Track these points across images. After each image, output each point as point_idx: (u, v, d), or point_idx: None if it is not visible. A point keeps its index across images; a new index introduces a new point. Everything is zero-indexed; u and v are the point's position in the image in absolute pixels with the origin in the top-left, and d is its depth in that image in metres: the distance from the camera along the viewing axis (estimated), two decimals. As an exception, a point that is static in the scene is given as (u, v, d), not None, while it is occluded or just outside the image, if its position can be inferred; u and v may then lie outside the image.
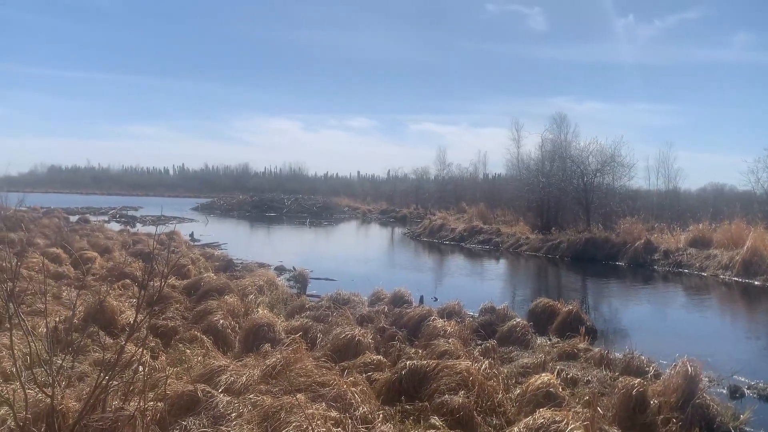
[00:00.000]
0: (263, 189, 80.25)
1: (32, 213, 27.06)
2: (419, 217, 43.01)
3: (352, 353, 7.04)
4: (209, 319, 8.16)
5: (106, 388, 3.66)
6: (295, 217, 49.89)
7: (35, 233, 18.38)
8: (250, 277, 12.74)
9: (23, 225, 18.71)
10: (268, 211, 55.58)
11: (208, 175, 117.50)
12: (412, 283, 13.05)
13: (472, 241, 27.57)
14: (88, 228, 23.32)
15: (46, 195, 59.21)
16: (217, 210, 56.04)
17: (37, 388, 4.06)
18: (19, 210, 21.96)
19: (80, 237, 18.20)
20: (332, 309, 9.56)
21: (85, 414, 3.53)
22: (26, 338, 5.16)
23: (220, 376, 5.39)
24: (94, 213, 40.88)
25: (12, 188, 24.36)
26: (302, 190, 77.39)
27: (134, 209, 49.94)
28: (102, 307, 7.88)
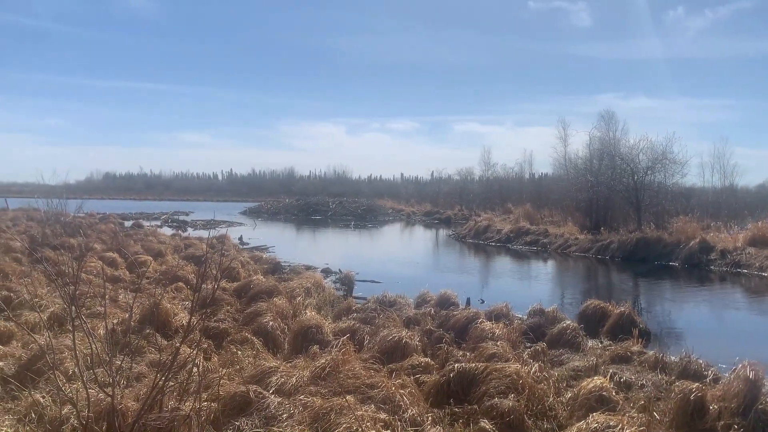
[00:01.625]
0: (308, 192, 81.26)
1: (89, 219, 28.16)
2: (464, 219, 42.71)
3: (400, 355, 7.05)
4: (259, 320, 8.31)
5: (163, 389, 3.77)
6: (340, 220, 50.29)
7: (93, 238, 19.10)
8: (297, 279, 12.93)
9: (81, 230, 19.49)
10: (314, 214, 56.18)
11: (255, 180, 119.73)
12: (458, 285, 12.97)
13: (519, 243, 27.20)
14: (141, 233, 24.09)
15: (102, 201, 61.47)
16: (264, 214, 57.00)
17: (98, 388, 4.23)
18: (77, 216, 22.88)
19: (135, 242, 18.82)
20: (379, 311, 9.60)
21: (144, 413, 3.65)
22: (87, 340, 5.37)
23: (271, 377, 5.48)
24: (147, 218, 42.20)
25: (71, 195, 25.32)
26: (346, 193, 77.96)
27: (185, 214, 51.33)
28: (157, 310, 8.12)
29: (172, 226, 36.63)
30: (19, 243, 17.25)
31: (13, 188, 51.54)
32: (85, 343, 6.31)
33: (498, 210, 41.81)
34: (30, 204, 32.23)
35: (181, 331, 7.96)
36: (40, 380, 5.79)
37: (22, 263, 13.69)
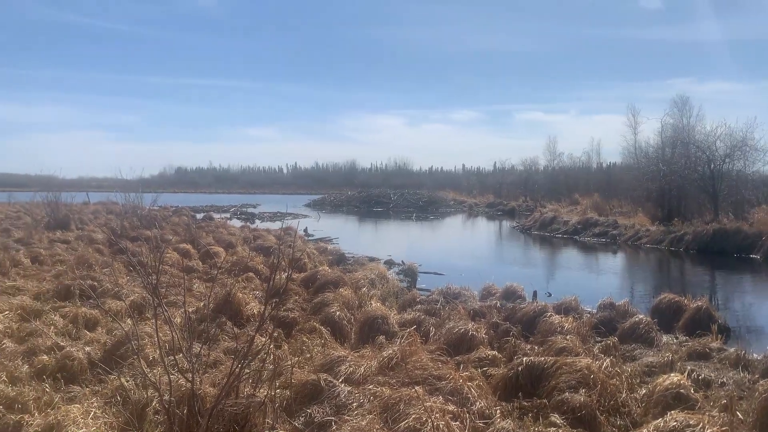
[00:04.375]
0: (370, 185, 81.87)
1: (164, 212, 29.45)
2: (528, 210, 41.90)
3: (466, 348, 7.03)
4: (326, 310, 8.46)
5: (239, 376, 3.91)
6: (402, 212, 50.41)
7: (167, 230, 19.97)
8: (362, 270, 13.07)
9: (157, 223, 20.41)
10: (375, 206, 56.55)
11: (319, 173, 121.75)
12: (524, 278, 12.75)
13: (587, 234, 26.44)
14: (212, 225, 24.96)
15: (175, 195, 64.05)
16: (327, 206, 57.87)
17: (178, 374, 4.43)
18: (152, 209, 23.95)
19: (206, 233, 19.53)
20: (443, 303, 9.58)
21: (222, 399, 3.80)
22: (166, 327, 5.64)
23: (340, 367, 5.58)
24: (217, 210, 43.71)
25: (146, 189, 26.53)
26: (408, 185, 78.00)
27: (253, 206, 52.83)
28: (229, 299, 8.42)
29: (240, 218, 37.76)
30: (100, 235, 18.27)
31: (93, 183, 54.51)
32: (164, 330, 6.64)
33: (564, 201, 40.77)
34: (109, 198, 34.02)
35: (252, 320, 8.23)
36: (124, 365, 6.13)
37: (103, 254, 14.47)
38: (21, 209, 30.16)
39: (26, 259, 13.19)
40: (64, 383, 5.83)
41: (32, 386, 5.47)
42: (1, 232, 19.62)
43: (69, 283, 9.73)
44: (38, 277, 11.36)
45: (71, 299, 9.19)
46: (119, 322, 7.33)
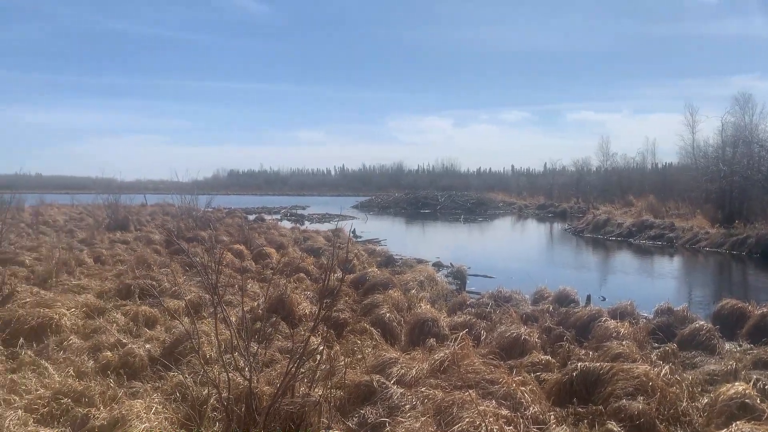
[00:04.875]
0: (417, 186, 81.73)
1: (217, 213, 30.21)
2: (580, 212, 40.98)
3: (519, 352, 6.94)
4: (376, 312, 8.51)
5: (295, 375, 3.99)
6: (449, 214, 50.13)
7: (221, 231, 20.49)
8: (410, 272, 13.08)
9: (211, 224, 20.96)
10: (423, 207, 56.43)
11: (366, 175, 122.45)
12: (576, 282, 12.50)
13: (642, 237, 25.67)
14: (264, 226, 25.44)
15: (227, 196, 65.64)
16: (374, 207, 58.13)
17: (236, 372, 4.55)
18: (207, 210, 24.61)
19: (258, 234, 19.92)
20: (494, 306, 9.49)
21: (278, 398, 3.87)
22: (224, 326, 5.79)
23: (392, 368, 5.60)
24: (268, 212, 44.54)
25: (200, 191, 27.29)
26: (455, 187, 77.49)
27: (302, 208, 53.57)
28: (282, 299, 8.57)
29: (290, 219, 38.37)
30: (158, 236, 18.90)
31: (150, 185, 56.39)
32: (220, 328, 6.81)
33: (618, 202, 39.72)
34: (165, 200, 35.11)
35: (304, 320, 8.36)
36: (183, 362, 6.32)
37: (161, 254, 14.97)
38: (83, 211, 31.54)
39: (89, 258, 13.78)
40: (127, 379, 6.05)
41: (97, 381, 5.71)
42: (65, 233, 20.58)
43: (129, 282, 10.11)
44: (101, 276, 11.85)
45: (131, 298, 9.55)
46: (179, 319, 7.58)
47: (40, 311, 7.79)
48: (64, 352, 6.86)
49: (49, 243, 16.74)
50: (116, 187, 28.34)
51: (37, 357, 6.63)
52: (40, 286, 10.20)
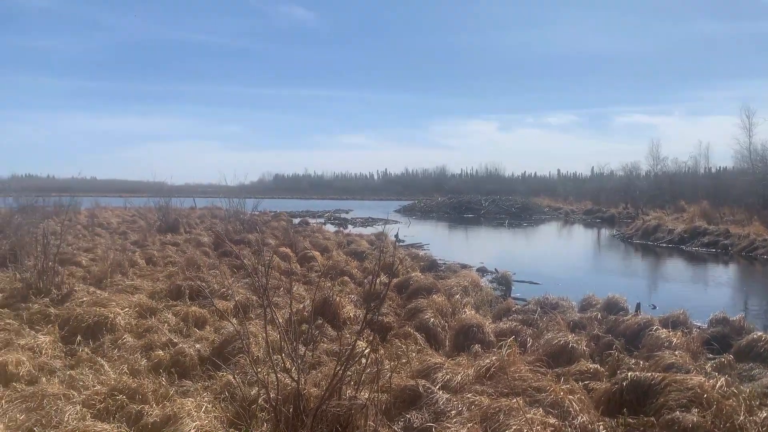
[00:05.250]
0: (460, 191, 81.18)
1: (263, 216, 30.72)
2: (629, 218, 39.93)
3: (566, 360, 6.82)
4: (420, 317, 8.50)
5: (342, 378, 4.02)
6: (493, 218, 49.60)
7: (268, 234, 20.84)
8: (454, 277, 13.00)
9: (258, 227, 21.34)
10: (466, 212, 56.01)
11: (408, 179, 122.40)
12: (625, 289, 12.18)
13: (694, 244, 24.83)
14: (308, 229, 25.75)
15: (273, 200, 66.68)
16: (417, 212, 58.03)
17: (284, 373, 4.62)
18: (254, 214, 25.05)
19: (303, 238, 20.18)
20: (540, 313, 9.35)
21: (325, 400, 3.92)
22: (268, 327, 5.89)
23: (437, 373, 5.59)
24: (313, 216, 45.03)
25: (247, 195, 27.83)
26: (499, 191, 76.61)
27: (345, 212, 53.98)
28: (327, 302, 8.66)
29: (334, 223, 38.69)
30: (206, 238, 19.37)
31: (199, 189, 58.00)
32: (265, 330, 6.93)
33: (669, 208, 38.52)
34: (213, 203, 35.97)
35: (349, 323, 8.43)
36: (231, 362, 6.46)
37: (209, 256, 15.33)
38: (136, 213, 32.60)
39: (142, 260, 14.23)
40: (177, 377, 6.23)
41: (150, 379, 5.88)
42: (119, 235, 21.30)
43: (180, 283, 10.39)
44: (152, 277, 12.22)
45: (182, 298, 9.81)
46: (228, 320, 7.75)
47: (96, 310, 8.09)
48: (119, 350, 7.11)
49: (103, 244, 17.37)
50: (167, 190, 29.17)
51: (94, 354, 6.90)
52: (96, 285, 10.59)
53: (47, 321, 8.14)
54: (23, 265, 11.21)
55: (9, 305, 9.03)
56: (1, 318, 8.24)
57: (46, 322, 8.11)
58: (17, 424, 4.84)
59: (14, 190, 18.84)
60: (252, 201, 26.42)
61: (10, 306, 8.98)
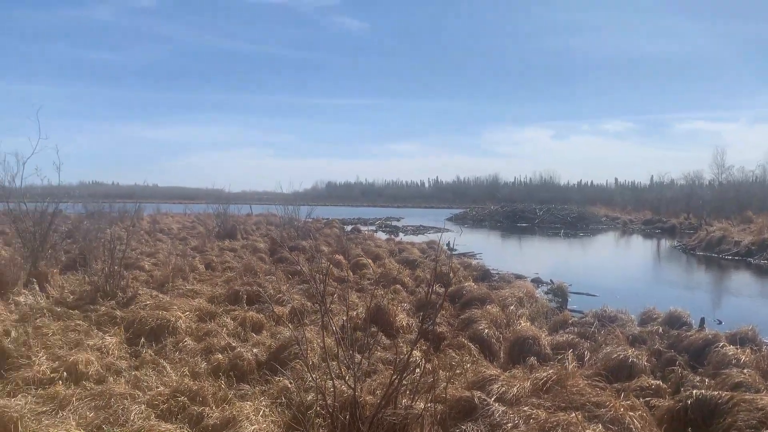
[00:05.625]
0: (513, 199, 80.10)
1: (316, 224, 31.19)
2: (691, 228, 38.41)
3: (626, 375, 6.62)
4: (474, 327, 8.43)
5: (398, 387, 4.04)
6: (548, 228, 48.65)
7: (321, 241, 21.13)
8: (508, 288, 12.83)
9: (311, 234, 21.68)
10: (520, 221, 55.17)
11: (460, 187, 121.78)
12: (688, 303, 11.73)
13: (764, 257, 23.64)
14: (360, 237, 25.94)
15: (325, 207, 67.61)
16: (469, 220, 57.56)
17: (340, 380, 4.68)
18: (307, 221, 25.47)
19: (355, 245, 20.35)
20: (598, 326, 9.11)
21: (382, 408, 3.94)
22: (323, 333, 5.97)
23: (492, 385, 5.53)
24: (364, 223, 45.38)
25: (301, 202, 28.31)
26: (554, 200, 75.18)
27: (396, 219, 54.11)
28: (380, 310, 8.70)
29: (385, 230, 38.85)
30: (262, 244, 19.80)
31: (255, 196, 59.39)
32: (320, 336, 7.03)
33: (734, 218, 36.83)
34: (269, 210, 36.76)
35: (402, 331, 8.44)
36: (288, 367, 6.57)
37: (265, 262, 15.66)
38: (195, 220, 33.67)
39: (201, 265, 14.67)
40: (236, 381, 6.38)
41: (210, 382, 6.06)
42: (179, 241, 22.04)
43: (237, 288, 10.65)
44: (211, 282, 12.58)
45: (240, 303, 10.06)
46: (286, 325, 7.90)
47: (159, 313, 8.39)
48: (180, 352, 7.35)
49: (165, 249, 18.01)
50: (225, 197, 30.01)
51: (157, 356, 7.15)
52: (159, 289, 10.99)
53: (113, 323, 8.50)
54: (91, 268, 11.75)
55: (78, 307, 9.49)
56: (72, 319, 8.67)
57: (113, 323, 8.47)
58: (87, 421, 5.07)
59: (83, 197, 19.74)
60: (306, 208, 26.85)
61: (79, 308, 9.43)
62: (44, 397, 5.59)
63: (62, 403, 5.43)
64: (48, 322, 8.32)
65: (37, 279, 10.52)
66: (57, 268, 12.05)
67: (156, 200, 57.85)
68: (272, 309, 8.43)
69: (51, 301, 9.88)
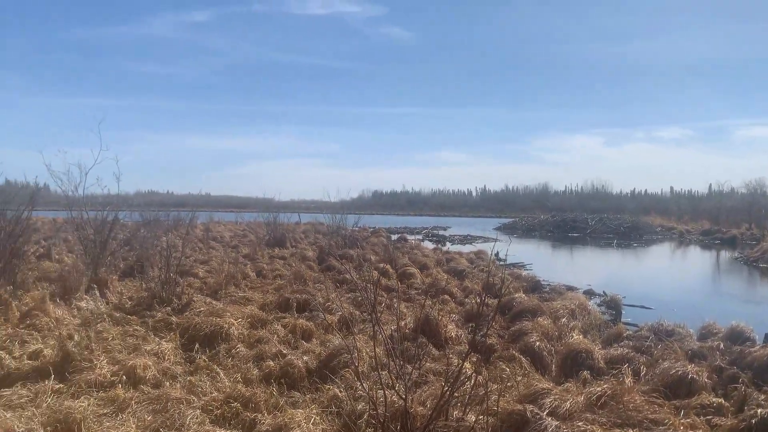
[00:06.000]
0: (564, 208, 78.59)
1: (363, 232, 31.37)
2: (753, 239, 36.77)
3: (684, 392, 6.38)
4: (525, 339, 8.30)
5: (449, 399, 4.01)
6: (600, 238, 47.43)
7: (368, 250, 21.23)
8: (559, 299, 12.57)
9: (358, 243, 21.81)
10: (571, 231, 54.00)
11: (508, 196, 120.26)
12: (751, 317, 11.18)
13: (832, 269, 22.41)
14: (407, 246, 25.92)
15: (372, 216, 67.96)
16: (518, 230, 56.73)
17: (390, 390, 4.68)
18: (354, 230, 25.66)
19: (402, 254, 20.36)
20: (654, 340, 8.82)
21: (433, 419, 3.92)
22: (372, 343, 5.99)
23: (544, 399, 5.42)
24: (410, 232, 45.31)
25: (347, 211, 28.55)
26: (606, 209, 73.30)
27: (443, 229, 53.82)
28: (428, 320, 8.67)
29: (432, 240, 38.68)
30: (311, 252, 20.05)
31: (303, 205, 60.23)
32: (370, 345, 7.06)
33: (800, 229, 35.07)
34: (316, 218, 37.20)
35: (450, 343, 8.38)
36: (337, 376, 6.62)
37: (314, 270, 15.85)
38: (246, 228, 34.40)
39: (252, 273, 14.97)
40: (287, 388, 6.47)
41: (262, 388, 6.16)
42: (231, 248, 22.55)
43: (288, 296, 10.82)
44: (262, 289, 12.81)
45: (290, 311, 10.20)
46: (337, 333, 7.96)
47: (212, 320, 8.61)
48: (233, 359, 7.51)
49: (217, 257, 18.45)
50: (274, 206, 30.62)
51: (210, 362, 7.33)
52: (212, 296, 11.28)
53: (169, 328, 8.76)
54: (148, 275, 12.16)
55: (136, 312, 9.83)
56: (130, 324, 8.98)
57: (168, 329, 8.74)
58: (145, 424, 5.24)
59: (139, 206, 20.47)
60: (353, 217, 27.05)
61: (137, 313, 9.77)
62: (105, 399, 5.81)
63: (122, 406, 5.63)
64: (108, 327, 8.66)
65: (97, 285, 10.96)
66: (116, 275, 12.53)
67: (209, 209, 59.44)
68: (323, 317, 8.49)
69: (110, 306, 10.27)
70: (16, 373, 6.55)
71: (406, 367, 4.52)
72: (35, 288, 10.97)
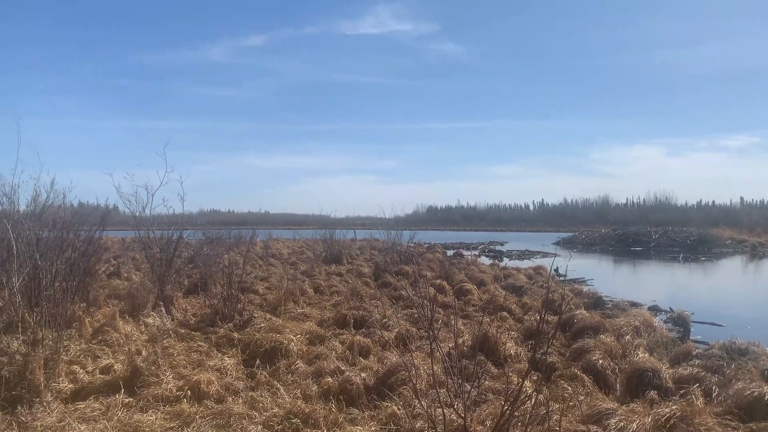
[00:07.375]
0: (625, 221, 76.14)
1: (418, 248, 31.34)
2: (834, 251, 34.46)
3: (761, 415, 6.02)
4: (587, 357, 8.06)
5: (509, 419, 3.95)
6: (665, 252, 45.65)
7: (423, 266, 21.18)
8: (623, 316, 12.15)
9: (414, 259, 21.79)
10: (633, 245, 52.21)
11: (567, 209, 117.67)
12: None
13: None
14: (463, 262, 25.70)
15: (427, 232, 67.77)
16: (578, 244, 55.32)
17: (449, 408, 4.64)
18: (409, 246, 25.67)
19: (458, 270, 20.19)
20: (727, 359, 8.38)
21: (493, 439, 3.87)
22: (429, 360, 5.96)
23: (608, 420, 5.25)
24: (466, 247, 44.92)
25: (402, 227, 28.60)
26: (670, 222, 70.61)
27: (500, 244, 53.09)
28: (486, 338, 8.55)
29: (488, 255, 38.21)
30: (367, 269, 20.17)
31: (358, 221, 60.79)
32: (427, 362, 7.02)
33: None
34: (372, 235, 37.46)
35: (509, 360, 8.23)
36: (395, 393, 6.61)
37: (370, 286, 15.93)
38: (303, 245, 34.98)
39: (310, 289, 15.19)
40: (345, 405, 6.51)
41: (321, 405, 6.22)
42: (289, 265, 22.95)
43: (345, 312, 10.91)
44: (320, 305, 12.98)
45: (347, 327, 10.28)
46: (395, 350, 7.97)
47: (272, 336, 8.77)
48: (292, 374, 7.62)
49: (276, 274, 18.82)
50: (330, 223, 31.02)
51: (271, 378, 7.46)
52: (272, 312, 11.50)
53: (231, 344, 8.99)
54: (211, 292, 12.53)
55: (200, 329, 10.13)
56: (194, 340, 9.27)
57: (230, 345, 8.96)
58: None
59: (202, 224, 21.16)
60: (408, 233, 27.08)
61: (200, 329, 10.07)
62: (171, 413, 6.00)
63: (187, 420, 5.80)
64: (173, 342, 8.96)
65: (163, 302, 11.38)
66: (180, 292, 12.97)
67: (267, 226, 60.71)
68: (380, 334, 8.51)
69: (176, 323, 10.63)
70: (89, 386, 6.87)
71: (464, 386, 4.47)
72: (106, 305, 11.49)
